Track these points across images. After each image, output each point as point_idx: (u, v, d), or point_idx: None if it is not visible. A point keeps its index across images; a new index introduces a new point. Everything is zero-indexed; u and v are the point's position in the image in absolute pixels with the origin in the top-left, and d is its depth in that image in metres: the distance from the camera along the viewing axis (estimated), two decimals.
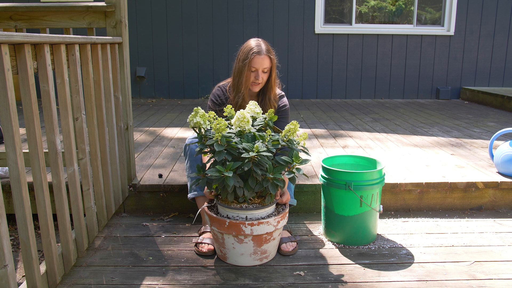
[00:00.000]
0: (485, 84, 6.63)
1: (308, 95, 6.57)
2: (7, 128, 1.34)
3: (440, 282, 1.78)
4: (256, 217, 1.87)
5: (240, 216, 1.86)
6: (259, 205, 1.88)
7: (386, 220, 2.42)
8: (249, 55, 2.13)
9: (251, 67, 2.13)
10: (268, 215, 1.90)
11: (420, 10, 6.59)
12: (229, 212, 1.88)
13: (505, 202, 2.59)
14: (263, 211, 1.88)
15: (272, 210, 1.95)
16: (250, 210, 1.85)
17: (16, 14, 2.29)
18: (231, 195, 1.84)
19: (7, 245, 1.33)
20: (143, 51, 6.38)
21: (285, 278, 1.79)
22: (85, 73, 1.96)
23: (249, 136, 1.85)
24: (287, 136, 1.85)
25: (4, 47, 1.29)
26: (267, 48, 2.16)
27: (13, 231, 2.53)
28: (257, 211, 1.86)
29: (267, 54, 2.14)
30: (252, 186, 1.80)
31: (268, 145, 1.80)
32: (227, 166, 1.75)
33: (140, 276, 1.81)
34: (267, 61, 2.14)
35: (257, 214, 1.87)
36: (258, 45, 2.15)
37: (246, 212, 1.85)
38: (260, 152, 1.74)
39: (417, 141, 3.62)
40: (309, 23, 6.37)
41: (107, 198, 2.23)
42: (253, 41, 2.18)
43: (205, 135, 1.86)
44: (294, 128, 1.83)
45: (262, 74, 2.16)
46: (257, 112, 1.97)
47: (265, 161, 1.77)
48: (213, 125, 1.80)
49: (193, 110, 1.85)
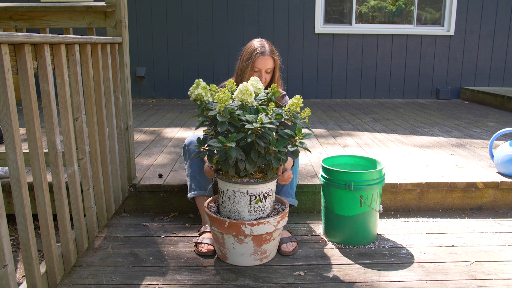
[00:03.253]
0: (485, 84, 6.63)
1: (308, 95, 6.56)
2: (7, 128, 1.34)
3: (440, 282, 1.78)
4: (258, 192, 1.83)
5: (241, 190, 1.81)
6: (260, 180, 1.84)
7: (386, 220, 2.42)
8: (253, 55, 2.14)
9: (254, 67, 2.15)
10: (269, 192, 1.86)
11: (420, 10, 6.59)
12: (229, 186, 1.83)
13: (505, 202, 2.59)
14: (265, 186, 1.84)
15: (273, 187, 1.91)
16: (251, 184, 1.81)
17: (16, 14, 2.29)
18: (232, 169, 1.78)
19: (7, 245, 1.33)
20: (143, 51, 6.38)
21: (285, 278, 1.79)
22: (85, 73, 1.96)
23: (251, 109, 1.81)
24: (291, 110, 1.82)
25: (4, 47, 1.29)
26: (271, 49, 2.18)
27: (13, 231, 2.53)
28: (259, 185, 1.82)
29: (270, 55, 2.16)
30: (255, 159, 1.75)
31: (271, 118, 1.77)
32: (230, 137, 1.70)
33: (140, 276, 1.81)
34: (270, 61, 2.15)
35: (258, 188, 1.83)
36: (262, 46, 2.16)
37: (248, 186, 1.81)
38: (264, 124, 1.70)
39: (417, 141, 3.62)
40: (309, 23, 6.37)
41: (107, 198, 2.23)
42: (256, 42, 2.19)
43: (207, 107, 1.81)
44: (298, 102, 1.81)
45: (265, 75, 2.17)
46: (259, 87, 1.93)
47: (269, 133, 1.73)
48: (216, 96, 1.75)
49: (195, 82, 1.81)
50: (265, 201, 1.87)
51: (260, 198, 1.85)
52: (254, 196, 1.84)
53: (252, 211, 1.86)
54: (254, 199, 1.84)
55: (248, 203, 1.84)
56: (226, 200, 1.87)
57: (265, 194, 1.87)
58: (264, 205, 1.88)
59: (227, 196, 1.87)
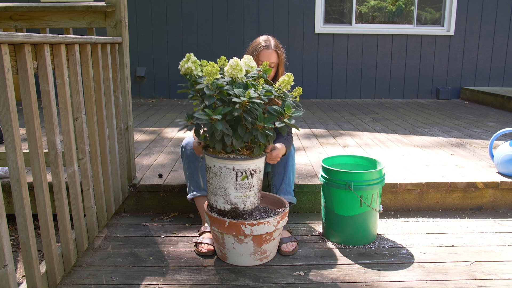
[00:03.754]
0: (485, 84, 6.63)
1: (308, 95, 6.56)
2: (7, 128, 1.34)
3: (440, 282, 1.78)
4: (244, 168, 1.80)
5: (227, 166, 1.79)
6: (247, 156, 1.81)
7: (386, 220, 2.42)
8: (257, 48, 2.19)
9: (258, 60, 2.18)
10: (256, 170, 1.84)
11: (420, 10, 6.59)
12: (216, 162, 1.81)
13: (505, 202, 2.59)
14: (251, 163, 1.81)
15: (262, 164, 1.88)
16: (238, 160, 1.78)
17: (16, 14, 2.29)
18: (219, 144, 1.76)
19: (7, 245, 1.33)
20: (143, 51, 6.38)
21: (285, 278, 1.79)
22: (85, 73, 1.96)
23: (241, 84, 1.79)
24: (281, 88, 1.81)
25: (4, 47, 1.29)
26: (276, 44, 2.21)
27: (13, 231, 2.53)
28: (245, 161, 1.79)
29: (274, 49, 2.19)
30: (241, 134, 1.73)
31: (260, 94, 1.75)
32: (216, 110, 1.68)
33: (140, 276, 1.81)
34: (274, 56, 2.18)
35: (245, 165, 1.80)
36: (267, 40, 2.20)
37: (234, 162, 1.78)
38: (251, 98, 1.69)
39: (417, 141, 3.62)
40: (309, 23, 6.37)
41: (107, 198, 2.23)
42: (262, 37, 2.24)
43: (196, 80, 1.80)
44: (288, 80, 1.81)
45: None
46: (251, 66, 1.90)
47: (256, 108, 1.71)
48: (205, 69, 1.73)
49: (185, 56, 1.80)
50: (251, 178, 1.83)
51: (247, 175, 1.82)
52: (241, 172, 1.80)
53: (238, 188, 1.83)
54: (241, 175, 1.81)
55: (235, 180, 1.81)
56: (213, 176, 1.84)
57: (252, 171, 1.83)
58: (250, 182, 1.84)
59: (214, 172, 1.84)
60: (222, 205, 1.87)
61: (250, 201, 1.87)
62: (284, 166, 2.19)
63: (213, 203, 1.90)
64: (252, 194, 1.87)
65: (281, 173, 2.20)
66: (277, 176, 2.21)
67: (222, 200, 1.86)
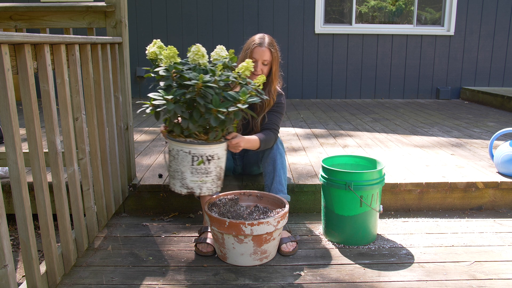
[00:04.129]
0: (485, 84, 6.63)
1: (308, 95, 6.57)
2: (7, 128, 1.35)
3: (440, 282, 1.78)
4: (200, 153, 1.81)
5: (184, 149, 1.81)
6: (204, 141, 1.82)
7: (386, 220, 2.42)
8: (251, 45, 2.20)
9: (252, 57, 2.18)
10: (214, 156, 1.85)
11: (420, 10, 6.59)
12: (174, 145, 1.83)
13: (505, 202, 2.59)
14: (208, 148, 1.82)
15: (221, 151, 1.89)
16: (194, 144, 1.80)
17: (16, 14, 2.29)
18: (177, 128, 1.80)
19: (7, 245, 1.33)
20: (143, 51, 6.36)
21: (285, 278, 1.80)
22: (85, 73, 1.96)
23: (200, 69, 1.82)
24: (241, 74, 1.83)
25: (4, 47, 1.29)
26: (270, 42, 2.22)
27: (13, 231, 2.53)
28: (201, 146, 1.81)
29: (268, 47, 2.19)
30: (196, 118, 1.75)
31: (217, 78, 1.77)
32: (170, 92, 1.72)
33: (140, 276, 1.81)
34: (267, 53, 2.18)
35: (201, 149, 1.81)
36: (261, 38, 2.21)
37: (190, 146, 1.80)
38: (205, 82, 1.71)
39: (417, 141, 3.62)
40: (309, 23, 6.37)
41: (107, 198, 2.23)
42: (258, 35, 2.25)
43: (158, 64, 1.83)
44: (247, 66, 1.84)
45: (262, 66, 2.20)
46: (222, 55, 1.94)
47: (211, 93, 1.73)
48: (164, 53, 1.76)
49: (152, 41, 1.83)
50: (208, 164, 1.84)
51: (203, 160, 1.82)
52: (197, 157, 1.82)
53: (194, 172, 1.84)
54: (197, 160, 1.82)
55: (191, 164, 1.83)
56: (172, 159, 1.87)
57: (209, 157, 1.83)
58: (207, 168, 1.84)
59: (173, 155, 1.86)
60: (179, 188, 1.88)
61: (206, 187, 1.87)
62: (273, 165, 2.19)
63: (172, 186, 1.91)
64: (209, 180, 1.87)
65: (271, 173, 2.20)
66: (267, 176, 2.21)
67: (179, 183, 1.87)
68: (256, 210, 2.07)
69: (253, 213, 2.04)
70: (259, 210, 2.06)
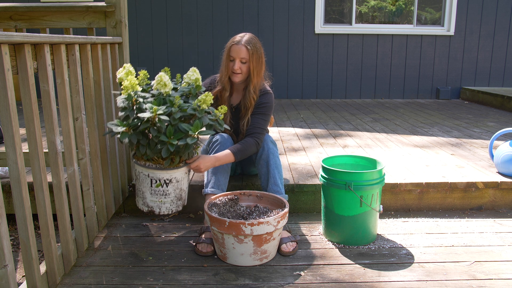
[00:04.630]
0: (485, 84, 6.63)
1: (308, 95, 6.56)
2: (7, 128, 1.35)
3: (440, 282, 1.78)
4: (158, 177, 1.92)
5: (143, 172, 1.94)
6: (160, 166, 1.93)
7: (386, 220, 2.42)
8: (229, 44, 2.24)
9: (229, 56, 2.22)
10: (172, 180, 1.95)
11: (420, 10, 6.59)
12: (137, 167, 1.97)
13: (505, 202, 2.59)
14: (165, 173, 1.93)
15: (180, 174, 1.98)
16: (151, 169, 1.92)
17: (16, 14, 2.29)
18: (138, 151, 1.91)
19: (7, 245, 1.33)
20: (143, 51, 6.38)
21: (285, 278, 1.80)
22: (85, 73, 1.96)
23: (161, 99, 1.90)
24: (200, 105, 1.90)
25: (4, 47, 1.29)
26: (248, 40, 2.21)
27: (13, 231, 2.53)
28: (158, 171, 1.92)
29: (244, 44, 2.20)
30: (152, 146, 1.87)
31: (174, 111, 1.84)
32: (126, 123, 1.83)
33: (140, 276, 1.81)
34: (243, 50, 2.19)
35: (158, 174, 1.92)
36: (240, 36, 2.24)
37: (148, 170, 1.93)
38: (158, 114, 1.79)
39: (417, 141, 3.62)
40: (309, 23, 6.37)
41: (107, 198, 2.23)
42: (240, 34, 2.27)
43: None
44: (205, 99, 1.89)
45: (240, 64, 2.20)
46: (192, 79, 2.03)
47: (162, 125, 1.80)
48: (124, 84, 1.85)
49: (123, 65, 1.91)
50: (166, 186, 1.95)
51: (161, 183, 1.94)
52: (155, 180, 1.94)
53: (153, 193, 1.96)
54: (155, 182, 1.94)
55: (150, 186, 1.95)
56: (136, 179, 2.01)
57: (166, 181, 1.95)
58: (165, 190, 1.96)
59: (136, 176, 2.00)
60: (141, 206, 2.02)
61: (165, 207, 2.00)
62: (267, 166, 2.19)
63: (136, 203, 2.05)
64: (168, 201, 2.00)
65: (265, 174, 2.19)
66: (262, 178, 2.21)
67: (141, 201, 2.01)
68: (256, 210, 2.07)
69: (253, 213, 2.04)
70: (259, 210, 2.06)
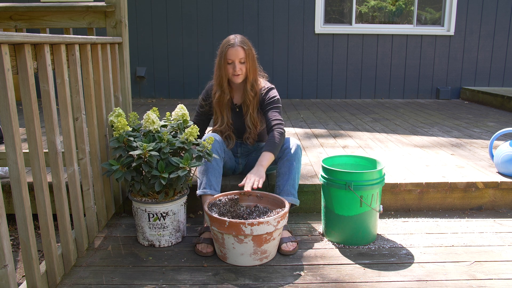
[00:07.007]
0: (485, 84, 6.63)
1: (308, 95, 6.56)
2: (7, 128, 1.35)
3: (440, 282, 1.78)
4: (155, 211, 1.99)
5: (140, 208, 2.01)
6: (157, 201, 2.00)
7: (386, 220, 2.42)
8: (224, 48, 2.23)
9: (227, 59, 2.22)
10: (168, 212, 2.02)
11: (420, 10, 6.59)
12: (134, 203, 2.05)
13: (505, 202, 2.59)
14: (161, 206, 2.01)
15: (176, 207, 2.05)
16: (148, 204, 2.00)
17: (16, 14, 2.29)
18: (134, 188, 1.99)
19: (7, 245, 1.33)
20: (143, 51, 6.38)
21: (285, 278, 1.79)
22: (85, 73, 1.96)
23: (151, 136, 2.00)
24: (187, 137, 1.98)
25: (4, 47, 1.29)
26: (241, 40, 2.24)
27: (13, 231, 2.53)
28: (155, 205, 2.00)
29: (240, 45, 2.21)
30: (146, 181, 1.94)
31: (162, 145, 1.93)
32: (120, 161, 1.92)
33: (140, 276, 1.81)
34: (241, 51, 2.21)
35: (155, 208, 2.00)
36: (233, 39, 2.24)
37: (145, 205, 2.01)
38: (148, 150, 1.89)
39: (417, 141, 3.62)
40: (309, 23, 6.37)
41: (107, 198, 2.23)
42: (229, 36, 2.28)
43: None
44: (191, 131, 1.97)
45: (240, 65, 2.22)
46: (179, 114, 2.13)
47: (153, 160, 1.88)
48: (115, 125, 1.95)
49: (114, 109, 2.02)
50: (164, 220, 2.03)
51: (158, 217, 2.02)
52: (152, 214, 2.01)
53: (152, 227, 2.04)
54: (152, 217, 2.02)
55: (148, 220, 2.03)
56: (134, 214, 2.08)
57: (163, 214, 2.02)
58: (163, 223, 2.04)
59: (134, 211, 2.07)
60: (142, 240, 2.09)
61: (165, 239, 2.06)
62: (289, 168, 2.19)
63: (137, 238, 2.13)
64: (167, 233, 2.06)
65: (285, 174, 2.19)
66: (281, 177, 2.20)
67: (141, 236, 2.08)
68: (256, 210, 2.07)
69: (253, 213, 2.04)
70: (259, 210, 2.06)
